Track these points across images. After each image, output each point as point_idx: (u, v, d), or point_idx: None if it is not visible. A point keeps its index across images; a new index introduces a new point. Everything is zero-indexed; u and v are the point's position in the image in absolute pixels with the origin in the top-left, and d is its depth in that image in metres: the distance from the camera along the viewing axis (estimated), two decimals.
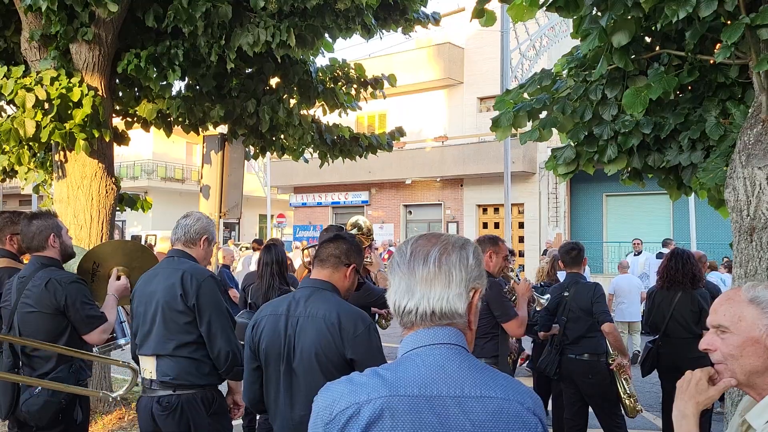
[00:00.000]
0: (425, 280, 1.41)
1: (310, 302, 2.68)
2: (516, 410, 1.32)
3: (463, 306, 1.40)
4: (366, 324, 2.61)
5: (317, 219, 26.83)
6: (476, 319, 1.46)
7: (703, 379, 1.69)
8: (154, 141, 29.49)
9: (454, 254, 1.44)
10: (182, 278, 3.14)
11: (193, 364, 3.14)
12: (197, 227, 3.35)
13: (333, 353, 2.56)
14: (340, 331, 2.56)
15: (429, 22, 7.19)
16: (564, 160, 4.53)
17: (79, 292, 3.45)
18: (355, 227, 5.49)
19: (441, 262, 1.42)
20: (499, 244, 4.44)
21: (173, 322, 3.13)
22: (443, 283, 1.40)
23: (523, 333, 4.34)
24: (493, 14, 3.88)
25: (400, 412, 1.31)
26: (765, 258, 3.10)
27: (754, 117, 3.27)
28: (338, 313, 2.60)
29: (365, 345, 2.56)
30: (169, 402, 3.11)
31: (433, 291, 1.40)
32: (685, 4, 3.10)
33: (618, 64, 3.67)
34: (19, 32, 6.11)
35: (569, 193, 22.18)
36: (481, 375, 1.36)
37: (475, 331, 1.49)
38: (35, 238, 3.52)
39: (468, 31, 22.53)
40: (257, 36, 5.63)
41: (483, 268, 1.49)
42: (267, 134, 7.55)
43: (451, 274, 1.41)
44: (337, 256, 2.80)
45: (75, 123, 5.44)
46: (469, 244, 1.49)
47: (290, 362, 2.63)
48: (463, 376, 1.35)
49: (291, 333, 2.64)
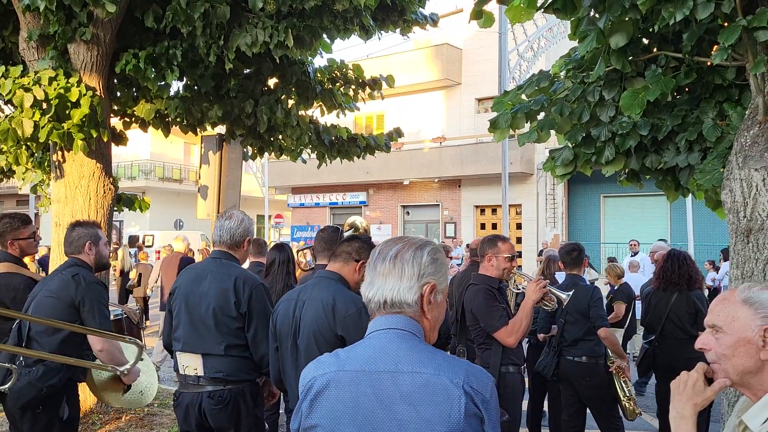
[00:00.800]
0: (382, 274, 1.66)
1: (315, 288, 3.03)
2: (443, 383, 1.53)
3: (412, 297, 1.64)
4: (358, 307, 2.87)
5: (315, 219, 26.83)
6: (435, 310, 1.69)
7: (699, 380, 1.70)
8: (152, 141, 29.50)
9: (408, 253, 1.67)
10: (235, 285, 3.28)
11: (242, 362, 3.30)
12: (241, 230, 3.46)
13: (327, 331, 2.87)
14: (334, 312, 2.88)
15: (427, 23, 7.19)
16: (562, 161, 4.54)
17: (98, 293, 3.55)
18: (352, 227, 5.50)
19: (396, 259, 1.67)
20: (499, 245, 4.25)
21: (225, 326, 3.28)
22: (396, 277, 1.65)
23: (514, 342, 3.99)
24: (492, 15, 3.89)
25: (343, 384, 1.59)
26: (761, 259, 3.11)
27: (750, 119, 3.28)
28: (334, 297, 2.93)
29: (354, 324, 2.83)
30: (221, 396, 3.26)
31: (387, 283, 1.65)
32: (682, 6, 3.11)
33: (615, 66, 3.68)
34: (17, 32, 6.10)
35: (567, 194, 22.21)
36: (418, 354, 1.58)
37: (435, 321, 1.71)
38: (74, 243, 3.69)
39: (466, 32, 22.57)
40: (255, 36, 5.63)
41: (441, 267, 1.70)
42: (265, 135, 7.54)
43: (404, 269, 1.65)
44: (348, 252, 3.14)
45: (73, 123, 5.43)
46: (428, 245, 1.71)
47: (296, 340, 2.97)
48: (400, 355, 1.58)
49: (297, 315, 2.99)
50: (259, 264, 6.32)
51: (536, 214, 22.28)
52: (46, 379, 3.41)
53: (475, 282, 4.33)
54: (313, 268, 4.60)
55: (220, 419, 3.24)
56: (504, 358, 4.09)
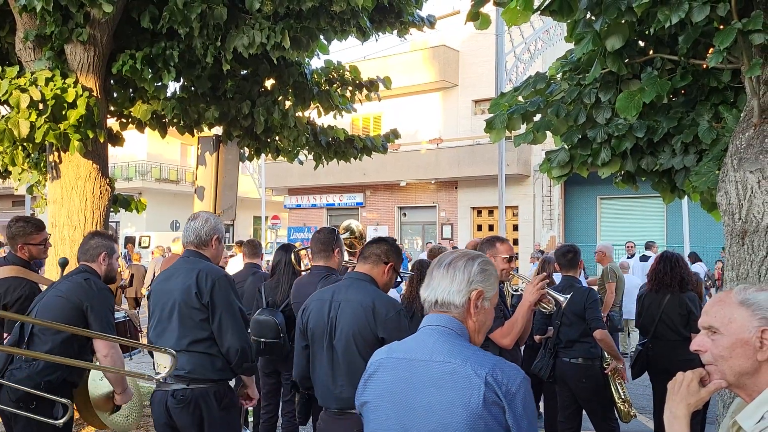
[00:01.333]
0: (437, 278, 1.92)
1: (350, 290, 3.11)
2: (466, 372, 1.74)
3: (460, 300, 1.88)
4: (396, 309, 3.02)
5: (312, 221, 26.82)
6: (481, 314, 1.90)
7: (694, 381, 1.70)
8: (148, 142, 29.45)
9: (461, 261, 1.92)
10: (197, 277, 3.27)
11: (208, 359, 3.26)
12: (207, 229, 3.46)
13: (367, 333, 2.96)
14: (374, 314, 2.97)
15: (424, 24, 7.20)
16: (558, 162, 4.55)
17: (107, 301, 3.62)
18: (348, 231, 5.52)
19: (450, 266, 1.92)
20: (497, 246, 4.15)
21: (189, 319, 3.27)
22: (448, 281, 1.90)
23: (509, 344, 3.93)
24: (488, 17, 3.89)
25: (387, 368, 1.90)
26: (756, 261, 3.12)
27: (746, 121, 3.29)
28: (373, 299, 3.01)
29: (395, 326, 2.95)
30: (183, 395, 3.24)
31: (440, 286, 1.91)
32: (677, 9, 3.12)
33: (611, 68, 3.69)
34: (13, 33, 6.09)
35: (563, 196, 22.24)
36: (451, 347, 1.81)
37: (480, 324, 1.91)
38: (90, 251, 3.76)
39: (463, 33, 22.60)
40: (252, 38, 5.63)
41: (490, 277, 1.92)
42: (262, 136, 7.54)
43: (455, 275, 1.90)
44: (378, 255, 3.23)
45: (69, 124, 5.43)
46: (480, 257, 1.95)
47: (332, 340, 3.03)
48: (436, 347, 1.82)
49: (333, 315, 3.06)
50: (254, 265, 6.32)
51: (533, 215, 22.30)
52: (45, 374, 3.43)
53: None
54: (308, 268, 4.60)
55: (182, 418, 3.24)
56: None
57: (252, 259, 6.61)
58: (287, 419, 5.23)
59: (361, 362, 2.97)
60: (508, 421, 1.71)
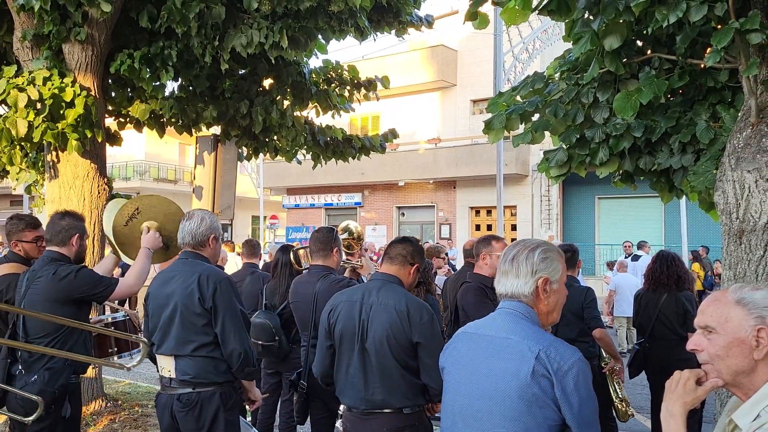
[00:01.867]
0: (505, 273, 2.16)
1: (381, 292, 3.10)
2: (521, 347, 2.00)
3: (529, 290, 2.11)
4: (430, 314, 3.04)
5: (310, 220, 26.82)
6: (552, 296, 2.13)
7: (690, 380, 1.71)
8: (146, 142, 29.39)
9: (522, 254, 2.14)
10: (199, 281, 3.22)
11: (212, 363, 3.24)
12: (203, 229, 3.41)
13: (402, 337, 2.98)
14: (409, 319, 2.99)
15: (422, 24, 7.20)
16: (556, 162, 4.56)
17: (84, 277, 3.58)
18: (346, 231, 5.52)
19: (513, 261, 2.14)
20: (493, 244, 4.35)
21: (192, 324, 3.22)
22: (514, 275, 2.13)
23: None
24: (486, 17, 3.89)
25: (461, 340, 2.24)
26: (754, 260, 3.13)
27: (743, 121, 3.30)
28: (407, 303, 3.03)
29: (429, 330, 3.00)
30: (189, 399, 3.22)
31: (508, 280, 2.14)
32: (675, 8, 3.12)
33: (609, 68, 3.69)
34: (11, 32, 6.09)
35: (562, 196, 22.26)
36: (514, 326, 2.07)
37: (553, 305, 2.14)
38: (62, 232, 3.68)
39: (461, 33, 22.60)
40: (250, 37, 5.63)
41: (553, 262, 2.13)
42: (260, 135, 7.54)
43: (520, 268, 2.12)
44: (404, 256, 3.23)
45: (67, 123, 5.42)
46: (540, 246, 2.16)
47: (363, 343, 3.05)
48: (503, 326, 2.10)
49: (365, 318, 3.06)
50: (252, 265, 6.33)
51: (531, 215, 22.31)
52: (55, 381, 3.44)
53: (468, 280, 4.42)
54: (307, 268, 4.61)
55: (187, 423, 3.21)
56: None
57: (250, 259, 6.61)
58: (285, 419, 5.24)
59: (394, 365, 3.00)
60: (556, 394, 1.93)
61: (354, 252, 5.71)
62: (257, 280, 5.86)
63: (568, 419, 1.94)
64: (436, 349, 2.93)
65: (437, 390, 2.98)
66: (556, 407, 1.93)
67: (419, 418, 3.07)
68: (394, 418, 3.01)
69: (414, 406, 3.04)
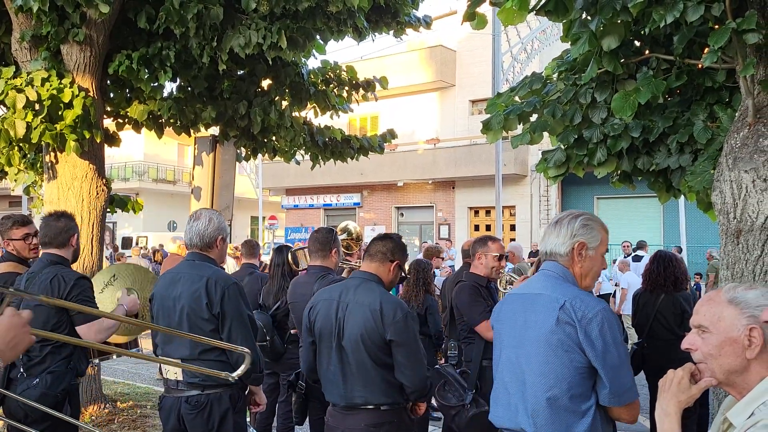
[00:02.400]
0: (548, 234, 2.43)
1: (358, 291, 3.12)
2: (550, 298, 2.28)
3: (565, 250, 2.36)
4: (404, 312, 3.05)
5: (309, 221, 26.81)
6: (587, 262, 2.37)
7: (685, 378, 1.72)
8: (145, 142, 29.39)
9: (566, 219, 2.40)
10: (207, 285, 3.16)
11: (220, 366, 3.16)
12: (211, 230, 3.33)
13: (375, 335, 3.00)
14: (382, 317, 3.00)
15: (420, 25, 7.21)
16: (554, 162, 4.57)
17: (80, 287, 3.52)
18: (345, 232, 5.54)
19: (557, 224, 2.42)
20: (488, 244, 4.38)
21: (199, 329, 3.17)
22: (555, 235, 2.40)
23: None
24: (484, 17, 3.90)
25: (507, 300, 2.57)
26: (751, 260, 3.13)
27: (740, 121, 3.30)
28: (381, 302, 3.03)
29: (402, 328, 3.00)
30: (198, 401, 3.17)
31: (549, 239, 2.41)
32: (672, 8, 3.13)
33: (607, 68, 3.70)
34: (9, 33, 6.09)
35: (560, 196, 22.26)
36: (550, 284, 2.35)
37: (587, 270, 2.38)
38: (61, 234, 3.64)
39: (460, 34, 22.60)
40: (249, 38, 5.63)
41: (592, 231, 2.37)
42: (258, 136, 7.54)
43: (560, 230, 2.39)
44: (384, 253, 3.23)
45: (66, 124, 5.42)
46: (583, 215, 2.41)
47: (340, 340, 3.07)
48: (537, 284, 2.41)
49: (341, 316, 3.08)
50: (251, 265, 6.33)
51: (530, 215, 22.32)
52: (57, 384, 3.42)
53: (463, 280, 4.45)
54: (305, 268, 4.61)
55: (195, 425, 3.17)
56: (487, 353, 4.15)
57: (249, 260, 6.61)
58: (282, 420, 5.24)
59: (370, 363, 3.00)
60: (580, 339, 2.17)
61: (353, 252, 5.72)
62: (256, 281, 5.87)
63: (593, 362, 2.17)
64: (410, 348, 3.00)
65: (412, 388, 3.02)
66: (581, 351, 2.18)
67: (398, 416, 3.07)
68: (373, 415, 3.02)
69: (393, 403, 3.05)
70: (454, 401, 4.11)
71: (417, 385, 3.03)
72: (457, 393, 4.13)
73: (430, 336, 5.77)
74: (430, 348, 5.82)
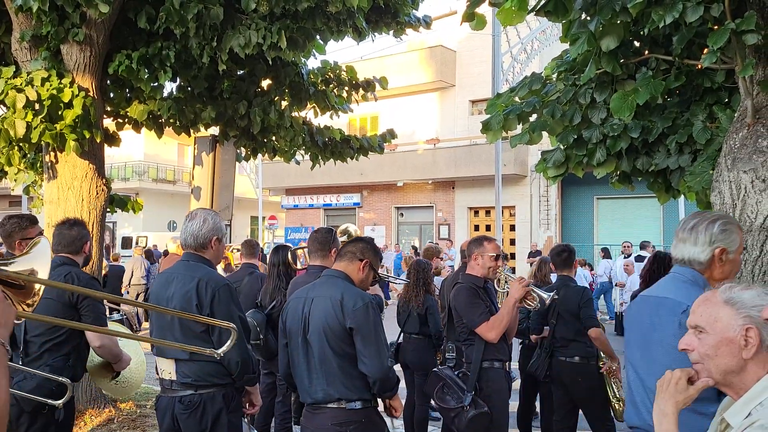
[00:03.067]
0: (682, 240, 2.40)
1: (323, 286, 3.19)
2: (675, 303, 2.30)
3: (705, 258, 2.35)
4: (365, 301, 3.06)
5: (309, 221, 26.81)
6: (727, 265, 2.36)
7: (682, 379, 1.72)
8: (145, 142, 29.39)
9: (702, 225, 2.35)
10: (198, 286, 3.17)
11: (213, 366, 3.19)
12: (205, 230, 3.32)
13: (336, 325, 3.02)
14: (342, 306, 3.03)
15: (420, 25, 7.21)
16: (553, 162, 4.57)
17: (92, 284, 3.61)
18: (345, 234, 5.56)
19: (693, 230, 2.37)
20: (484, 245, 4.33)
21: (190, 330, 3.18)
22: (692, 242, 2.37)
23: (495, 338, 4.10)
24: (484, 18, 3.90)
25: (635, 302, 2.66)
26: (750, 260, 3.14)
27: (739, 121, 3.31)
28: (342, 293, 3.08)
29: (362, 317, 3.02)
30: (191, 401, 3.18)
31: (686, 247, 2.39)
32: (671, 9, 3.13)
33: (606, 68, 3.70)
34: (9, 33, 6.09)
35: (560, 196, 22.26)
36: (673, 287, 2.39)
37: (727, 272, 2.37)
38: (75, 242, 3.70)
39: (460, 34, 22.60)
40: (248, 38, 5.63)
41: (731, 234, 2.34)
42: (258, 136, 7.55)
43: (698, 238, 2.35)
44: (353, 252, 3.27)
45: (66, 124, 5.43)
46: (720, 219, 2.37)
47: (306, 335, 3.10)
48: (664, 287, 2.45)
49: (306, 312, 3.13)
50: (251, 265, 6.34)
51: (530, 215, 22.32)
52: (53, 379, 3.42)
53: (460, 281, 4.42)
54: (305, 267, 4.62)
55: (189, 425, 3.17)
56: (487, 354, 4.15)
57: (249, 259, 6.61)
58: (280, 420, 5.25)
59: (331, 353, 3.01)
60: None
61: None
62: (255, 281, 5.87)
63: None
64: (370, 336, 3.00)
65: (372, 378, 3.00)
66: None
67: (367, 416, 3.06)
68: (339, 413, 3.01)
69: (360, 401, 3.03)
70: (453, 403, 4.10)
71: (377, 374, 2.99)
72: (456, 395, 4.12)
73: (431, 336, 5.77)
74: (431, 348, 5.83)
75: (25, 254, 1.72)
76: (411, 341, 5.84)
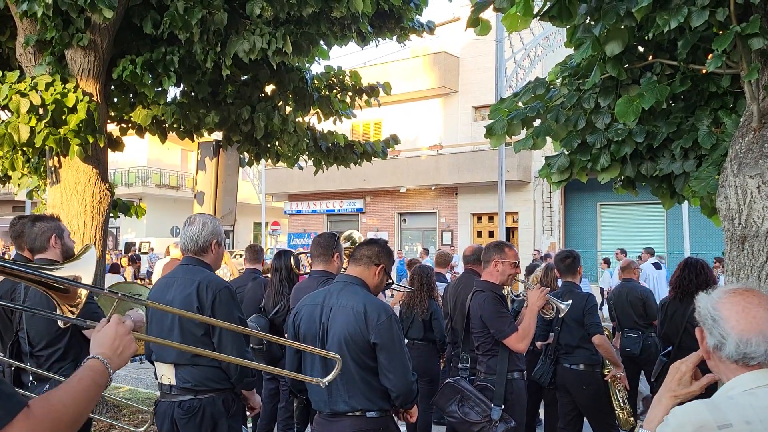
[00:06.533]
0: None
1: (341, 294, 3.08)
2: None
3: None
4: (388, 314, 2.99)
5: (312, 227, 26.81)
6: None
7: (687, 375, 1.74)
8: (149, 147, 29.48)
9: None
10: (198, 290, 3.16)
11: (212, 371, 3.18)
12: (204, 234, 3.33)
13: (359, 338, 2.95)
14: (366, 319, 2.95)
15: (424, 30, 7.22)
16: (557, 168, 4.55)
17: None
18: (349, 240, 5.55)
19: None
20: (505, 251, 4.29)
21: (191, 334, 3.16)
22: None
23: (524, 348, 4.08)
24: (488, 23, 3.89)
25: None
26: (756, 266, 3.11)
27: (745, 126, 3.29)
28: (365, 304, 2.99)
29: (386, 332, 2.94)
30: (191, 406, 3.16)
31: None
32: (676, 13, 3.12)
33: (611, 73, 3.69)
34: (14, 38, 6.11)
35: (563, 202, 22.23)
36: None
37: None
38: (38, 239, 3.58)
39: (463, 40, 22.65)
40: (253, 43, 5.64)
41: None
42: (262, 141, 7.54)
43: None
44: (369, 256, 3.19)
45: (69, 128, 5.43)
46: None
47: (324, 345, 3.02)
48: None
49: (325, 321, 3.05)
50: (254, 270, 6.33)
51: (533, 221, 22.29)
52: None
53: (480, 288, 4.30)
54: (308, 272, 4.61)
55: (188, 429, 3.15)
56: (510, 365, 4.10)
57: (253, 265, 6.61)
58: (282, 426, 5.23)
59: (354, 367, 2.96)
60: None
61: None
62: (259, 286, 5.86)
63: None
64: (394, 351, 2.94)
65: (396, 393, 2.96)
66: None
67: (385, 424, 3.03)
68: (358, 422, 2.98)
69: (379, 410, 3.00)
70: (475, 417, 3.98)
71: (401, 390, 2.97)
72: (478, 408, 3.99)
73: (435, 342, 5.75)
74: (434, 354, 5.80)
75: (74, 260, 1.77)
76: (415, 347, 5.81)
